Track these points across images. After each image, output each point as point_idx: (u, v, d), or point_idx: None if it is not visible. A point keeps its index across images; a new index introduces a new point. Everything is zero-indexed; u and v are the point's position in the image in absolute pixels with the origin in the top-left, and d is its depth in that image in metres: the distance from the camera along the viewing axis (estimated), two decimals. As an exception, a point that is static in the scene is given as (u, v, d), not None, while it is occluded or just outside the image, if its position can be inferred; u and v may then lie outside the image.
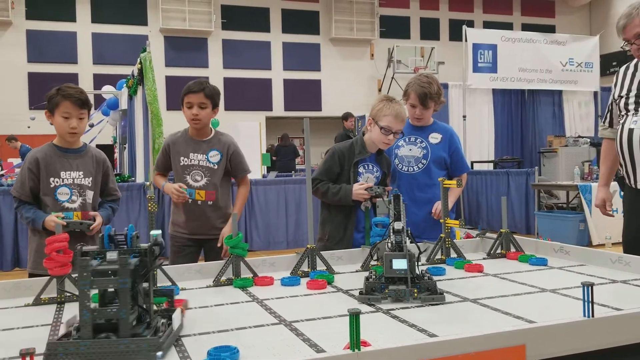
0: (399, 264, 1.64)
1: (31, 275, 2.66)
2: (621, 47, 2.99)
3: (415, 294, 1.60)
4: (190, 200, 3.05)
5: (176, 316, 1.34)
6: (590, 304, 1.25)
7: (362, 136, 2.97)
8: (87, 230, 2.65)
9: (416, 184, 3.05)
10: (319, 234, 2.99)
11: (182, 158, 3.09)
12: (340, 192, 2.83)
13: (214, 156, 3.11)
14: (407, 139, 3.10)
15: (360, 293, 1.66)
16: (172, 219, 3.21)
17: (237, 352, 1.18)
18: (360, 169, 2.92)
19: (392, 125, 2.84)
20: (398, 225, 1.76)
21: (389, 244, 1.75)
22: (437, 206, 2.96)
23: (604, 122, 3.21)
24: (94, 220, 2.71)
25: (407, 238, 1.78)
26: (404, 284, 1.62)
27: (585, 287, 1.26)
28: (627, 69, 3.02)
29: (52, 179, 2.71)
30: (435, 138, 3.13)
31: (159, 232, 1.35)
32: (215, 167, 3.10)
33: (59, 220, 2.54)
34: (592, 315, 1.25)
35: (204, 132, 3.14)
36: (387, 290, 1.61)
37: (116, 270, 1.20)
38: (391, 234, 1.76)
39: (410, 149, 3.10)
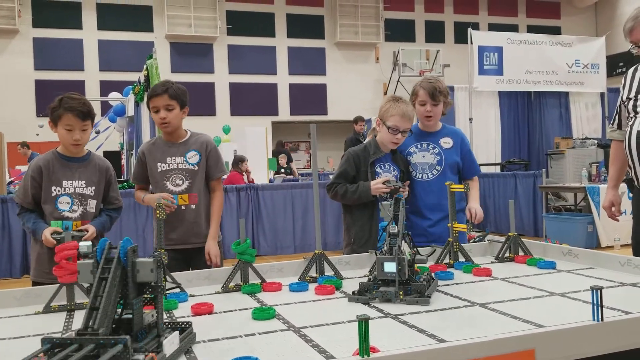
0: (389, 266, 1.71)
1: (34, 284, 2.64)
2: (629, 50, 2.98)
3: (401, 296, 1.67)
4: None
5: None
6: (599, 308, 1.25)
7: (374, 137, 3.01)
8: (80, 241, 2.61)
9: (431, 190, 3.02)
10: (345, 239, 3.00)
11: (159, 164, 2.96)
12: (358, 189, 2.85)
13: (193, 157, 2.98)
14: (418, 145, 3.07)
15: (353, 293, 1.73)
16: (155, 232, 2.98)
17: None
18: (378, 169, 2.94)
19: (400, 124, 2.87)
20: (393, 228, 1.81)
21: (384, 247, 1.80)
22: (469, 211, 2.99)
23: (612, 124, 3.20)
24: (87, 231, 2.63)
25: (404, 242, 1.82)
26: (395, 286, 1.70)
27: (595, 291, 1.25)
28: (635, 70, 3.01)
29: (53, 187, 2.70)
30: (447, 143, 3.10)
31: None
32: (196, 168, 2.97)
33: (50, 239, 2.52)
34: (602, 319, 1.25)
35: (178, 135, 3.01)
36: (374, 292, 1.70)
37: None
38: (387, 237, 1.81)
39: (423, 156, 3.06)
